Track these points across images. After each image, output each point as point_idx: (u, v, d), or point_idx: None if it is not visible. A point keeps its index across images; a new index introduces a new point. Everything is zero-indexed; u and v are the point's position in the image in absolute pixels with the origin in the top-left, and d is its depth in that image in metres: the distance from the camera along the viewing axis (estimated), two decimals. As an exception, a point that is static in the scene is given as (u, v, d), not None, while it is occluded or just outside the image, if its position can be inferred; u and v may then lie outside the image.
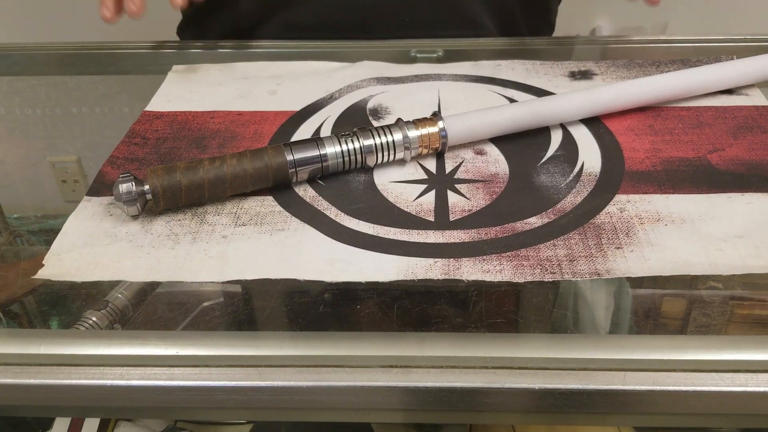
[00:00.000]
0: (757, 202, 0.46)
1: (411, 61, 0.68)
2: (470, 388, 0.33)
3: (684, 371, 0.33)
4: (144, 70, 0.72)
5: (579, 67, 0.66)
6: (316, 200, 0.48)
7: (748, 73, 0.59)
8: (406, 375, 0.34)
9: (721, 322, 0.39)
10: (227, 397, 0.34)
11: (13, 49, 0.74)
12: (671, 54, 0.68)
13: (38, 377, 0.34)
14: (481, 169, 0.51)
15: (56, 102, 0.68)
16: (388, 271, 0.41)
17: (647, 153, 0.52)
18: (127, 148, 0.54)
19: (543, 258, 0.42)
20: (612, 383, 0.33)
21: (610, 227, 0.44)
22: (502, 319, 0.38)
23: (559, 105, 0.55)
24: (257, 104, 0.61)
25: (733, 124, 0.55)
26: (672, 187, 0.48)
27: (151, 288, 0.41)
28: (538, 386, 0.33)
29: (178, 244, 0.44)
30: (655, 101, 0.58)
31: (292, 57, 0.69)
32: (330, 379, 0.34)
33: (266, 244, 0.43)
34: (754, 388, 0.33)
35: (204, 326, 0.39)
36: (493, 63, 0.67)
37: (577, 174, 0.50)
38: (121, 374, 0.34)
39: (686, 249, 0.42)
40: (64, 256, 0.43)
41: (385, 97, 0.61)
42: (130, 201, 0.44)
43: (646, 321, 0.40)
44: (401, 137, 0.50)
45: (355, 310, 0.39)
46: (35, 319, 0.41)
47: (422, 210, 0.47)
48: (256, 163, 0.47)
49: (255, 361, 0.34)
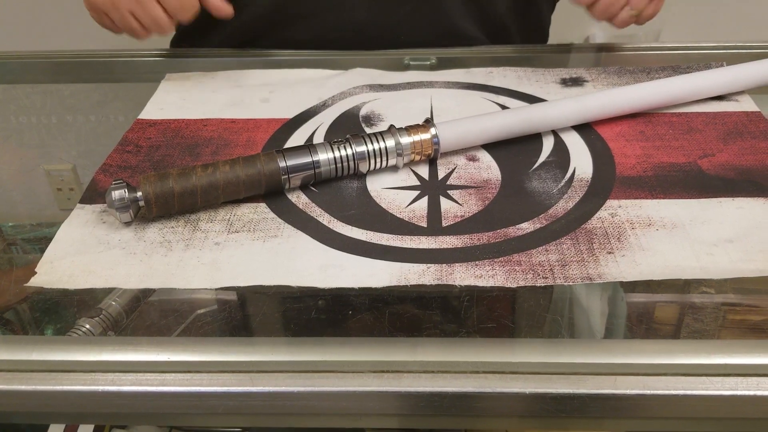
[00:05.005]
0: (747, 206, 0.46)
1: (404, 69, 0.68)
2: (462, 392, 0.33)
3: (674, 375, 0.33)
4: (138, 78, 0.72)
5: (570, 74, 0.66)
6: (309, 207, 0.48)
7: (739, 80, 0.59)
8: (397, 380, 0.34)
9: (712, 326, 0.39)
10: (219, 403, 0.34)
11: (8, 57, 0.74)
12: (662, 61, 0.69)
13: (30, 383, 0.34)
14: (473, 176, 0.51)
15: (51, 110, 0.68)
16: (381, 276, 0.41)
17: (638, 158, 0.52)
18: (120, 156, 0.54)
19: (535, 263, 0.42)
20: (603, 387, 0.33)
21: (602, 232, 0.44)
22: (494, 324, 0.38)
23: (550, 112, 0.55)
24: (250, 112, 0.61)
25: (723, 130, 0.55)
26: (663, 192, 0.48)
27: (145, 295, 0.41)
28: (530, 391, 0.33)
29: (171, 251, 0.44)
30: (646, 108, 0.58)
31: (285, 66, 0.69)
32: (322, 385, 0.34)
33: (259, 251, 0.44)
34: (743, 391, 0.33)
35: (197, 332, 0.39)
36: (485, 70, 0.67)
37: (569, 180, 0.50)
38: (112, 380, 0.34)
39: (677, 253, 0.42)
40: (56, 263, 0.43)
41: (377, 104, 0.62)
42: (122, 208, 0.44)
43: (637, 325, 0.40)
44: (394, 144, 0.50)
45: (347, 315, 0.39)
46: (29, 327, 0.41)
47: (415, 216, 0.47)
48: (248, 170, 0.47)
49: (247, 366, 0.34)
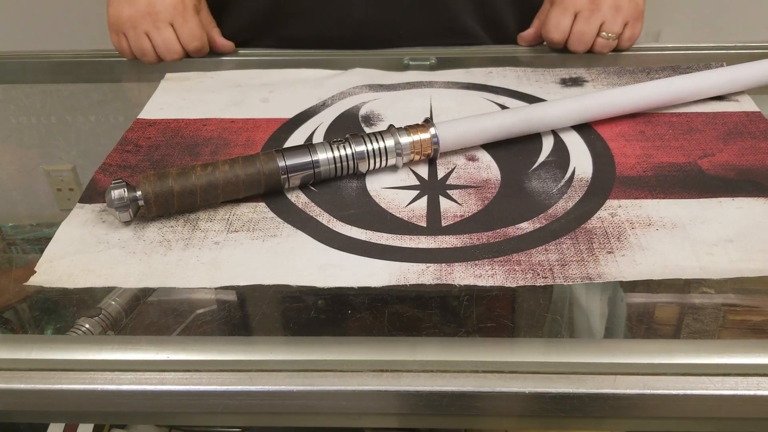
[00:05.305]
0: (747, 206, 0.46)
1: (403, 69, 0.68)
2: (461, 392, 0.33)
3: (674, 375, 0.33)
4: (138, 78, 0.72)
5: (570, 74, 0.66)
6: (309, 206, 0.48)
7: (739, 80, 0.59)
8: (396, 379, 0.34)
9: (712, 326, 0.39)
10: (218, 402, 0.34)
11: (8, 58, 0.74)
12: (662, 61, 0.69)
13: (29, 382, 0.34)
14: (473, 175, 0.51)
15: (51, 110, 0.68)
16: (381, 276, 0.41)
17: (638, 158, 0.52)
18: (119, 156, 0.54)
19: (535, 262, 0.42)
20: (602, 387, 0.33)
21: (602, 232, 0.44)
22: (493, 324, 0.38)
23: (550, 112, 0.55)
24: (250, 112, 0.61)
25: (723, 130, 0.55)
26: (663, 192, 0.48)
27: (144, 294, 0.41)
28: (529, 390, 0.33)
29: (171, 251, 0.44)
30: (646, 108, 0.58)
31: (284, 65, 0.69)
32: (321, 384, 0.34)
33: (259, 250, 0.43)
34: (743, 391, 0.33)
35: (196, 332, 0.39)
36: (485, 70, 0.67)
37: (569, 179, 0.50)
38: (111, 379, 0.34)
39: (677, 253, 0.42)
40: (56, 262, 0.43)
41: (377, 104, 0.62)
42: (122, 207, 0.44)
43: (636, 325, 0.40)
44: (393, 143, 0.50)
45: (347, 315, 0.39)
46: (28, 326, 0.41)
47: (414, 216, 0.47)
48: (248, 170, 0.47)
49: (246, 365, 0.34)
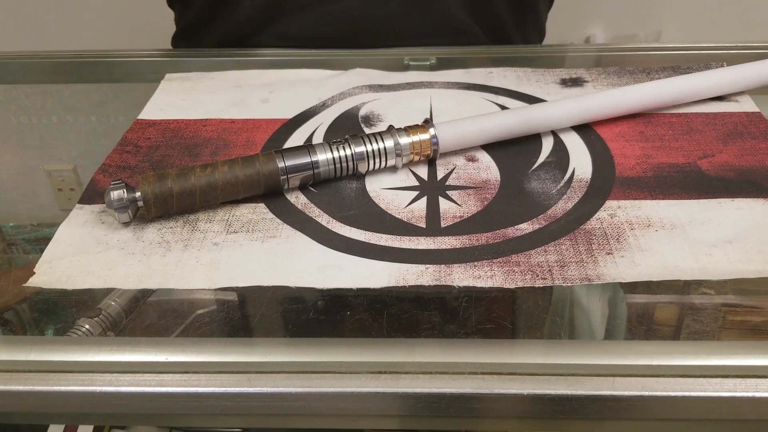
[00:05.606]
0: (746, 207, 0.46)
1: (404, 69, 0.68)
2: (460, 394, 0.33)
3: (673, 377, 0.33)
4: (138, 78, 0.72)
5: (570, 74, 0.66)
6: (308, 207, 0.48)
7: (739, 80, 0.59)
8: (395, 381, 0.34)
9: (711, 327, 0.39)
10: (217, 404, 0.34)
11: (9, 58, 0.74)
12: (662, 61, 0.69)
13: (29, 384, 0.34)
14: (472, 176, 0.51)
15: (51, 110, 0.68)
16: (380, 277, 0.41)
17: (638, 159, 0.52)
18: (119, 156, 0.54)
19: (534, 264, 0.42)
20: (601, 389, 0.33)
21: (601, 233, 0.44)
22: (492, 325, 0.38)
23: (550, 112, 0.55)
24: (249, 112, 0.61)
25: (723, 131, 0.55)
26: (662, 193, 0.48)
27: (144, 295, 0.41)
28: (528, 392, 0.33)
29: (170, 252, 0.44)
30: (646, 108, 0.58)
31: (284, 66, 0.69)
32: (320, 386, 0.34)
33: (258, 251, 0.43)
34: (742, 393, 0.33)
35: (195, 333, 0.39)
36: (484, 70, 0.67)
37: (568, 180, 0.50)
38: (110, 380, 0.34)
39: (676, 254, 0.42)
40: (55, 263, 0.43)
41: (376, 104, 0.62)
42: (121, 208, 0.44)
43: (636, 327, 0.40)
44: (393, 144, 0.50)
45: (346, 316, 0.39)
46: (28, 327, 0.41)
47: (414, 216, 0.47)
48: (247, 170, 0.47)
49: (244, 367, 0.34)
